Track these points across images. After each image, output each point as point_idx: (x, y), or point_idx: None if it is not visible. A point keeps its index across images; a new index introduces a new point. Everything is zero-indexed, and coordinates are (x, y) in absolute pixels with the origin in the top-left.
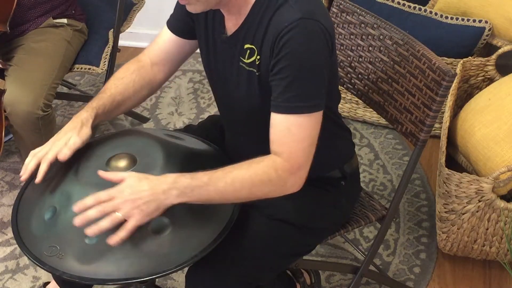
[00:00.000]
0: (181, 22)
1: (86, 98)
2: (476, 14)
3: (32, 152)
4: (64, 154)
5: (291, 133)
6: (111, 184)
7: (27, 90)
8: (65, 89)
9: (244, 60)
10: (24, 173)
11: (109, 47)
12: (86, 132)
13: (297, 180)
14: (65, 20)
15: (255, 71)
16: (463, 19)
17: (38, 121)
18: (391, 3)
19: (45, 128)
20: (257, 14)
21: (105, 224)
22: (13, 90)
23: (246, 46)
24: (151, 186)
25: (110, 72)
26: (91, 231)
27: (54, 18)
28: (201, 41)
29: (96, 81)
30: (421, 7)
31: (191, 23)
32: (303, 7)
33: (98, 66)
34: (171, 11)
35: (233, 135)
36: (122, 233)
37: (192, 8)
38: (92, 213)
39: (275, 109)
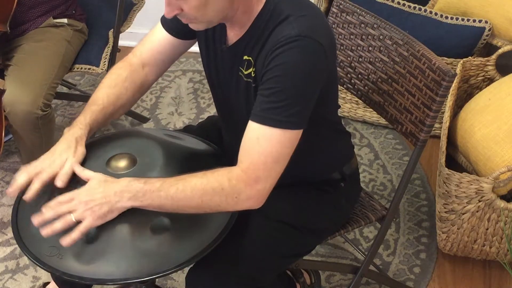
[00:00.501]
0: (179, 23)
1: (86, 98)
2: (476, 14)
3: (24, 168)
4: (62, 182)
5: (259, 143)
6: None
7: (27, 90)
8: (65, 89)
9: (242, 71)
10: (12, 188)
11: (109, 47)
12: (82, 151)
13: (253, 194)
14: (65, 20)
15: (251, 82)
16: (463, 19)
17: (38, 120)
18: (391, 3)
19: (45, 127)
20: (258, 28)
21: (58, 225)
22: (12, 90)
23: (245, 57)
24: (104, 189)
25: None
26: (45, 232)
27: (54, 18)
28: (202, 45)
29: (96, 81)
30: (421, 7)
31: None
32: (302, 25)
33: (98, 66)
34: None
35: (230, 138)
36: (74, 234)
37: (195, 27)
38: (48, 214)
39: (251, 117)
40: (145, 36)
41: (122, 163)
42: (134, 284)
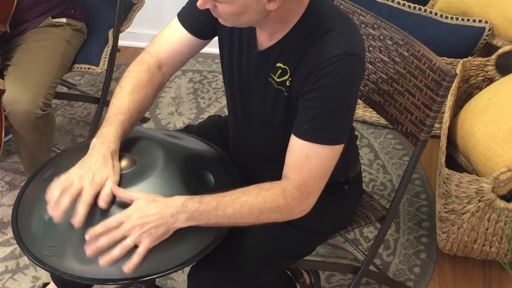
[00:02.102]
0: (200, 22)
1: (86, 98)
2: (476, 14)
3: (60, 185)
4: (106, 203)
5: (309, 161)
6: None
7: (26, 89)
8: (65, 89)
9: (274, 77)
10: (56, 212)
11: (109, 47)
12: (118, 168)
13: (305, 207)
14: (64, 20)
15: (284, 91)
16: (463, 19)
17: (38, 120)
18: (391, 3)
19: (45, 127)
20: (296, 37)
21: (116, 252)
22: (12, 89)
23: (279, 64)
24: (159, 210)
25: (110, 72)
26: (104, 261)
27: (53, 17)
28: (225, 45)
29: (96, 81)
30: (421, 7)
31: (214, 24)
32: (347, 40)
33: (98, 66)
34: (171, 11)
35: (241, 139)
36: (135, 259)
37: (223, 22)
38: (102, 243)
39: (298, 134)
40: (159, 35)
41: (122, 163)
42: (134, 284)
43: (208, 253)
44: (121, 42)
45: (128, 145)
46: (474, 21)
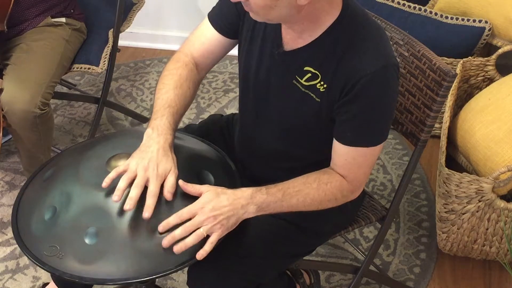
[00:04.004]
0: (228, 21)
1: (86, 98)
2: (476, 14)
3: (125, 176)
4: (171, 194)
5: (356, 161)
6: (112, 185)
7: (25, 88)
8: (65, 89)
9: (300, 80)
10: (117, 194)
11: (108, 47)
12: (176, 160)
13: (356, 195)
14: (63, 19)
15: (314, 96)
16: (463, 19)
17: (36, 119)
18: (391, 3)
19: (43, 126)
20: (329, 42)
21: (190, 240)
22: (10, 89)
23: (307, 68)
24: (231, 202)
25: (110, 72)
26: (178, 248)
27: (53, 17)
28: (245, 42)
29: (96, 81)
30: (421, 7)
31: (240, 22)
32: (383, 50)
33: (98, 66)
34: (171, 11)
35: (250, 137)
36: (207, 247)
37: (254, 17)
38: (178, 233)
39: (342, 141)
40: (192, 36)
41: (122, 163)
42: (134, 284)
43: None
44: (121, 42)
45: (128, 145)
46: (474, 21)
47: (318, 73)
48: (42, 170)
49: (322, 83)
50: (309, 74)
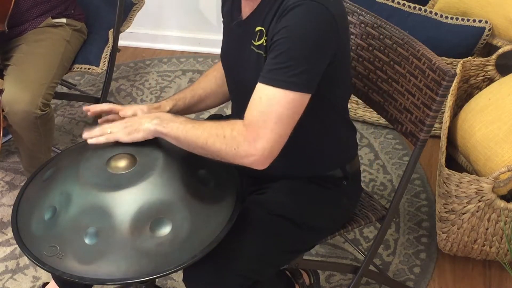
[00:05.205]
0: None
1: (86, 98)
2: (476, 14)
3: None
4: (126, 112)
5: (261, 102)
6: (112, 185)
7: (25, 89)
8: (65, 89)
9: (254, 43)
10: (93, 108)
11: (108, 47)
12: (155, 113)
13: (252, 151)
14: (64, 20)
15: (262, 53)
16: (463, 19)
17: (37, 120)
18: (391, 3)
19: (44, 127)
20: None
21: (96, 132)
22: (11, 89)
23: (257, 28)
24: (146, 115)
25: (110, 72)
26: (92, 140)
27: (53, 17)
28: (224, 28)
29: (96, 81)
30: (421, 7)
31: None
32: None
33: (98, 66)
34: (171, 11)
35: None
36: (101, 138)
37: None
38: (96, 132)
39: (259, 79)
40: None
41: (122, 163)
42: (134, 284)
43: None
44: (121, 42)
45: (128, 145)
46: (474, 21)
47: (263, 29)
48: (42, 170)
49: (265, 38)
50: (259, 33)
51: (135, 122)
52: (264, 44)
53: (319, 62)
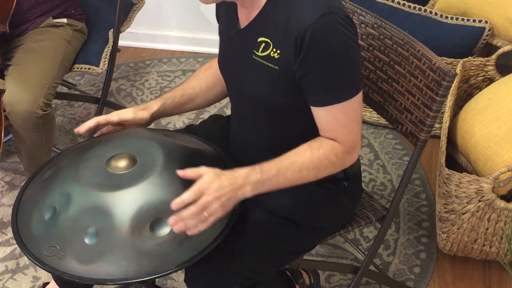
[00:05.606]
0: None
1: (86, 98)
2: (476, 14)
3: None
4: (111, 118)
5: (338, 120)
6: (112, 185)
7: (27, 89)
8: (65, 89)
9: (257, 53)
10: (81, 128)
11: (109, 47)
12: (143, 114)
13: (353, 157)
14: (64, 20)
15: (272, 65)
16: (463, 19)
17: (38, 120)
18: (391, 3)
19: (45, 127)
20: (271, 9)
21: (192, 222)
22: (12, 89)
23: (260, 39)
24: (231, 183)
25: (110, 72)
26: (178, 227)
27: (54, 18)
28: (220, 35)
29: (96, 81)
30: (421, 7)
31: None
32: (321, 2)
33: (98, 66)
34: (171, 11)
35: (240, 127)
36: (203, 226)
37: (204, 0)
38: (186, 214)
39: (316, 104)
40: None
41: (122, 163)
42: (134, 284)
43: None
44: (121, 42)
45: (128, 145)
46: (474, 21)
47: (270, 41)
48: (42, 170)
49: (274, 50)
50: (263, 44)
51: (229, 195)
52: (277, 57)
53: (356, 57)
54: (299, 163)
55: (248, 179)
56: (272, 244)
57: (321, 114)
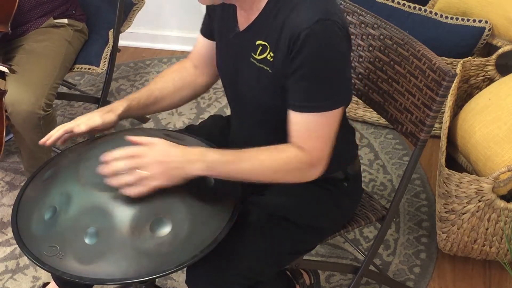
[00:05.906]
0: (207, 25)
1: (86, 98)
2: (476, 14)
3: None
4: (80, 128)
5: (309, 130)
6: (110, 186)
7: (28, 90)
8: (65, 89)
9: (255, 56)
10: (47, 139)
11: (109, 47)
12: (110, 117)
13: (317, 172)
14: (65, 20)
15: (267, 68)
16: (463, 19)
17: (39, 121)
18: (391, 3)
19: (46, 127)
20: (270, 12)
21: (129, 178)
22: (14, 90)
23: (258, 42)
24: (181, 154)
25: (110, 72)
26: (115, 181)
27: (55, 18)
28: (217, 36)
29: (96, 81)
30: (421, 7)
31: (211, 22)
32: (319, 7)
33: (98, 66)
34: (171, 11)
35: (240, 128)
36: (143, 189)
37: (202, 1)
38: (120, 165)
39: (293, 108)
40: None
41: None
42: (134, 284)
43: None
44: (121, 42)
45: (128, 145)
46: (474, 21)
47: (267, 44)
48: (42, 170)
49: (271, 53)
50: (261, 48)
51: (176, 164)
52: (271, 60)
53: (346, 71)
54: (259, 159)
55: (203, 157)
56: (272, 244)
57: (295, 120)
